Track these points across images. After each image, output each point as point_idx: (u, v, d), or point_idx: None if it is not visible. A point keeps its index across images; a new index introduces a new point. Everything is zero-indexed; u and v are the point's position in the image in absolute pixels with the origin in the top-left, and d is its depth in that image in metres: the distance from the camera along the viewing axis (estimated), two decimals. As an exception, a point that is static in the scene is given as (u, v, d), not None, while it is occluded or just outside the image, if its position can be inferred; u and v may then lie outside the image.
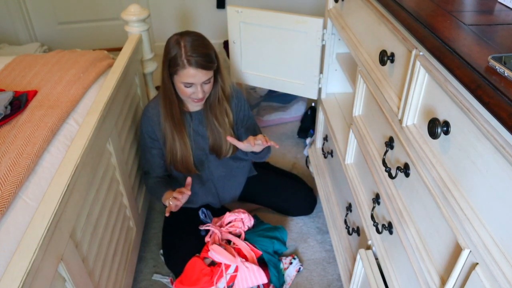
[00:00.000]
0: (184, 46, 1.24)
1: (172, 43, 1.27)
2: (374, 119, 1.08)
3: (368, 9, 1.08)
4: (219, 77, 1.37)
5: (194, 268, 1.40)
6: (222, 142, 1.46)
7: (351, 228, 1.29)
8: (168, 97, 1.36)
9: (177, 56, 1.24)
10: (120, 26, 1.86)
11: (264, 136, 1.32)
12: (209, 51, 1.28)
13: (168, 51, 1.27)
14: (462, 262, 0.66)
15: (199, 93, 1.30)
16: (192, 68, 1.24)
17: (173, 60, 1.25)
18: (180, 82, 1.28)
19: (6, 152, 1.02)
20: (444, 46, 0.67)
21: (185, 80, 1.27)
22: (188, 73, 1.25)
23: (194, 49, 1.24)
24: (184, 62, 1.24)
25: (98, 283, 1.11)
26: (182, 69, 1.25)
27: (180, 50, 1.24)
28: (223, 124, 1.44)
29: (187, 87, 1.29)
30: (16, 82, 1.38)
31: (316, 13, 2.02)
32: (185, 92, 1.30)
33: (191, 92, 1.30)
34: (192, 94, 1.31)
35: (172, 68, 1.27)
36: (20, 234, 0.85)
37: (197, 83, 1.28)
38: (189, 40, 1.26)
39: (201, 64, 1.25)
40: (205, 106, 1.43)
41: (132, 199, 1.48)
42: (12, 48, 2.76)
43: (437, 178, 0.72)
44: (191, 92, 1.30)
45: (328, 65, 1.59)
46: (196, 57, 1.24)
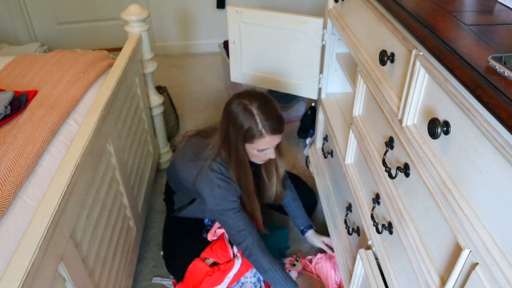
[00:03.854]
0: (258, 114, 1.19)
1: (241, 112, 1.20)
2: (374, 119, 1.08)
3: (368, 9, 1.08)
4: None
5: (196, 271, 1.40)
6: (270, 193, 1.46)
7: (351, 228, 1.29)
8: (243, 169, 1.30)
9: (252, 127, 1.19)
10: (120, 26, 1.86)
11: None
12: (279, 112, 1.24)
13: (238, 121, 1.20)
14: (462, 262, 0.66)
15: (272, 154, 1.29)
16: (269, 135, 1.21)
17: (249, 132, 1.20)
18: (253, 149, 1.25)
19: (6, 152, 1.02)
20: (444, 46, 0.67)
21: (262, 147, 1.24)
22: (266, 141, 1.22)
23: (268, 116, 1.20)
24: (262, 132, 1.20)
25: (98, 283, 1.11)
26: (259, 138, 1.21)
27: (255, 120, 1.19)
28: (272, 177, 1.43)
29: (260, 152, 1.26)
30: (16, 82, 1.38)
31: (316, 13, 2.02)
32: (258, 156, 1.28)
33: (263, 154, 1.28)
34: (264, 156, 1.29)
35: (247, 138, 1.22)
36: (20, 234, 0.85)
37: (272, 147, 1.27)
38: (259, 106, 1.20)
39: (277, 130, 1.23)
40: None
41: (132, 199, 1.48)
42: (12, 48, 2.76)
43: (437, 178, 0.72)
44: (263, 154, 1.28)
45: (328, 65, 1.59)
46: (272, 124, 1.21)
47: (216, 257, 1.43)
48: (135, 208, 1.53)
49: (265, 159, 1.31)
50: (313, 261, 1.57)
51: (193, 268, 1.41)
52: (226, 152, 1.29)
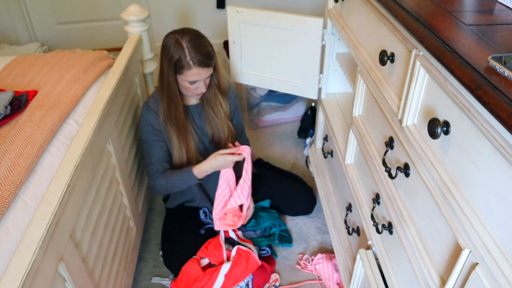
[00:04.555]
0: (187, 47, 1.28)
1: (172, 45, 1.30)
2: (374, 119, 1.08)
3: (368, 9, 1.08)
4: (214, 71, 1.42)
5: (188, 274, 1.40)
6: (220, 132, 1.52)
7: (351, 228, 1.29)
8: (173, 99, 1.39)
9: (181, 58, 1.28)
10: (120, 26, 1.86)
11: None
12: (209, 48, 1.34)
13: (170, 53, 1.30)
14: (462, 262, 0.66)
15: (202, 88, 1.37)
16: (197, 67, 1.30)
17: (178, 62, 1.29)
18: (184, 80, 1.34)
19: (6, 152, 1.02)
20: (444, 46, 0.67)
21: (191, 79, 1.33)
22: (194, 73, 1.31)
23: (197, 50, 1.29)
24: (190, 63, 1.29)
25: (98, 283, 1.11)
26: (188, 70, 1.30)
27: (184, 51, 1.28)
28: (219, 114, 1.50)
29: (191, 84, 1.35)
30: (16, 82, 1.38)
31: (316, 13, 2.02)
32: (189, 88, 1.36)
33: (194, 87, 1.36)
34: (196, 90, 1.37)
35: (177, 69, 1.31)
36: (20, 234, 0.85)
37: (201, 80, 1.35)
38: (190, 40, 1.30)
39: (205, 63, 1.31)
40: (202, 99, 1.48)
41: (132, 199, 1.48)
42: (12, 48, 2.76)
43: (437, 178, 0.72)
44: (194, 87, 1.36)
45: (328, 65, 1.59)
46: (200, 57, 1.29)
47: (210, 257, 1.43)
48: (135, 208, 1.53)
49: (197, 92, 1.39)
50: (313, 262, 1.57)
51: (186, 268, 1.41)
52: (161, 85, 1.38)
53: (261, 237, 1.63)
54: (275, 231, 1.64)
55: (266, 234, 1.64)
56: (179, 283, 1.41)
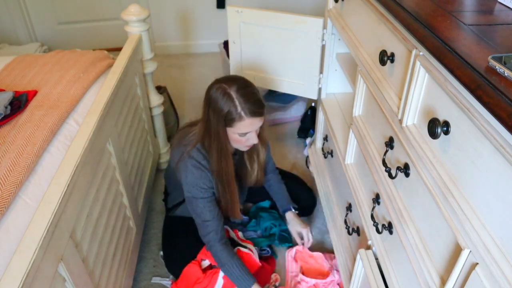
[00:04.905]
0: (237, 98, 1.19)
1: (220, 96, 1.20)
2: (374, 119, 1.08)
3: (368, 9, 1.08)
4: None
5: (189, 276, 1.40)
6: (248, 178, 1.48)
7: (351, 228, 1.29)
8: (224, 154, 1.30)
9: (232, 111, 1.19)
10: (120, 26, 1.86)
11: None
12: (259, 95, 1.24)
13: (218, 105, 1.20)
14: (462, 262, 0.66)
15: (254, 139, 1.28)
16: (249, 118, 1.21)
17: (229, 115, 1.20)
18: (234, 133, 1.25)
19: (6, 152, 1.02)
20: (444, 46, 0.67)
21: (242, 131, 1.23)
22: (246, 124, 1.22)
23: (247, 99, 1.20)
24: (241, 115, 1.19)
25: (98, 283, 1.11)
26: (239, 121, 1.21)
27: (234, 103, 1.19)
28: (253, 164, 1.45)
29: (242, 137, 1.26)
30: (16, 82, 1.38)
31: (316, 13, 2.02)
32: (240, 141, 1.27)
33: (246, 139, 1.27)
34: (247, 141, 1.28)
35: (227, 122, 1.22)
36: (20, 234, 0.85)
37: (252, 131, 1.26)
38: (238, 90, 1.20)
39: (257, 112, 1.22)
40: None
41: (132, 199, 1.48)
42: (12, 48, 2.76)
43: (437, 178, 0.72)
44: (246, 139, 1.27)
45: (328, 65, 1.59)
46: (251, 106, 1.20)
47: (210, 258, 1.43)
48: (135, 208, 1.53)
49: (248, 144, 1.30)
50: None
51: (187, 270, 1.41)
52: (208, 138, 1.29)
53: (261, 237, 1.63)
54: (275, 231, 1.64)
55: (267, 234, 1.64)
56: (179, 284, 1.41)
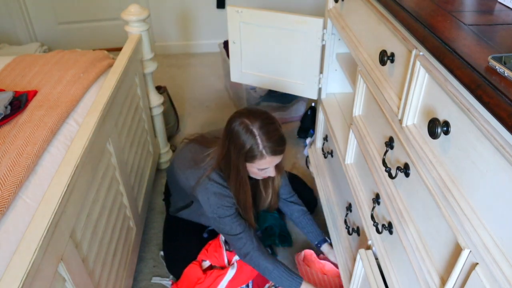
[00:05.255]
0: (259, 135, 1.18)
1: (242, 132, 1.19)
2: (374, 119, 1.08)
3: (368, 9, 1.08)
4: None
5: (190, 276, 1.40)
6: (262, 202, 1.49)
7: (351, 228, 1.29)
8: (243, 187, 1.31)
9: (254, 147, 1.19)
10: (120, 26, 1.86)
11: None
12: (281, 133, 1.23)
13: (240, 141, 1.19)
14: (462, 262, 0.66)
15: (272, 173, 1.29)
16: (270, 156, 1.21)
17: (250, 152, 1.20)
18: (254, 168, 1.25)
19: (6, 152, 1.02)
20: (444, 46, 0.67)
21: (262, 167, 1.24)
22: (266, 161, 1.22)
23: (269, 137, 1.19)
24: (262, 153, 1.19)
25: (98, 283, 1.11)
26: (260, 159, 1.21)
27: (256, 140, 1.18)
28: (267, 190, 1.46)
29: (260, 170, 1.26)
30: (16, 82, 1.38)
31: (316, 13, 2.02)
32: (257, 174, 1.29)
33: (263, 172, 1.28)
34: (264, 174, 1.29)
35: (248, 158, 1.22)
36: (20, 234, 0.85)
37: (272, 167, 1.27)
38: (261, 127, 1.19)
39: (279, 151, 1.22)
40: None
41: (132, 199, 1.48)
42: (12, 48, 2.76)
43: (437, 178, 0.72)
44: (263, 172, 1.28)
45: (328, 65, 1.59)
46: (273, 145, 1.20)
47: (210, 259, 1.43)
48: (135, 208, 1.53)
49: (264, 176, 1.32)
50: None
51: (188, 271, 1.41)
52: (227, 168, 1.29)
53: (262, 237, 1.63)
54: (275, 231, 1.64)
55: (267, 234, 1.64)
56: (180, 285, 1.41)
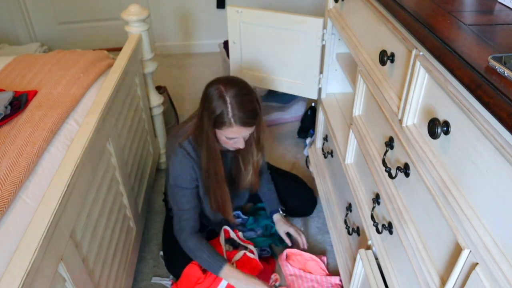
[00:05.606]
0: (231, 103, 1.19)
1: (215, 97, 1.20)
2: (374, 119, 1.08)
3: (368, 9, 1.08)
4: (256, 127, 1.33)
5: (189, 276, 1.39)
6: (243, 179, 1.48)
7: (351, 228, 1.29)
8: (212, 155, 1.32)
9: (223, 114, 1.20)
10: (120, 26, 1.86)
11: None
12: (254, 105, 1.24)
13: (212, 106, 1.21)
14: (462, 262, 0.66)
15: (240, 144, 1.30)
16: (237, 126, 1.21)
17: (219, 118, 1.21)
18: (223, 135, 1.26)
19: (6, 152, 1.02)
20: (444, 46, 0.67)
21: (230, 136, 1.25)
22: (234, 131, 1.23)
23: (241, 107, 1.20)
24: (231, 121, 1.20)
25: (98, 283, 1.11)
26: (228, 127, 1.22)
27: (226, 107, 1.19)
28: (247, 166, 1.45)
29: (229, 139, 1.27)
30: (16, 82, 1.38)
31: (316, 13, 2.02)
32: (227, 142, 1.29)
33: (233, 142, 1.29)
34: (234, 144, 1.30)
35: (217, 124, 1.23)
36: (20, 234, 0.85)
37: (241, 137, 1.28)
38: (234, 96, 1.20)
39: (247, 122, 1.22)
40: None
41: (132, 199, 1.48)
42: (12, 48, 2.76)
43: (437, 178, 0.72)
44: (233, 142, 1.29)
45: (328, 65, 1.59)
46: (243, 116, 1.20)
47: None
48: (135, 208, 1.53)
49: (235, 146, 1.32)
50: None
51: (187, 271, 1.40)
52: (200, 135, 1.30)
53: (261, 237, 1.63)
54: (275, 230, 1.64)
55: (267, 233, 1.64)
56: (180, 285, 1.41)
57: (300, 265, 1.54)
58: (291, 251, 1.58)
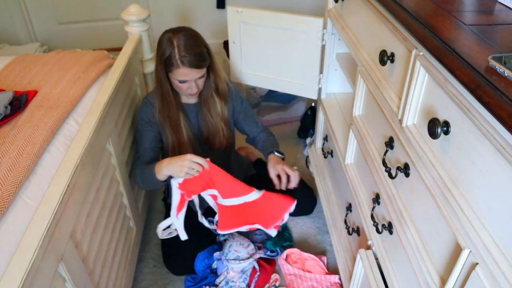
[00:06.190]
0: (178, 46, 1.28)
1: (165, 42, 1.30)
2: (374, 119, 1.08)
3: (368, 9, 1.08)
4: (211, 73, 1.42)
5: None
6: (215, 134, 1.51)
7: (351, 228, 1.29)
8: (165, 97, 1.40)
9: (171, 56, 1.28)
10: (120, 26, 1.86)
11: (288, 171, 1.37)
12: (201, 49, 1.32)
13: (162, 50, 1.31)
14: (462, 262, 0.66)
15: (193, 88, 1.37)
16: (185, 67, 1.29)
17: (168, 60, 1.29)
18: (174, 79, 1.34)
19: (6, 152, 1.02)
20: (444, 46, 0.67)
21: (179, 78, 1.33)
22: (182, 72, 1.30)
23: (187, 49, 1.28)
24: (178, 63, 1.28)
25: (98, 283, 1.11)
26: (176, 68, 1.30)
27: (174, 50, 1.28)
28: (216, 117, 1.49)
29: (181, 83, 1.35)
30: (16, 82, 1.38)
31: (316, 13, 2.02)
32: (180, 87, 1.37)
33: (186, 87, 1.36)
34: (188, 89, 1.37)
35: (167, 67, 1.32)
36: (20, 234, 0.85)
37: (191, 80, 1.34)
38: (182, 39, 1.29)
39: (194, 64, 1.30)
40: (199, 99, 1.48)
41: (132, 199, 1.48)
42: (12, 48, 2.76)
43: (437, 178, 0.72)
44: (186, 87, 1.36)
45: (328, 65, 1.59)
46: (189, 57, 1.28)
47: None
48: (135, 208, 1.53)
49: (189, 92, 1.38)
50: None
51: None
52: (156, 82, 1.39)
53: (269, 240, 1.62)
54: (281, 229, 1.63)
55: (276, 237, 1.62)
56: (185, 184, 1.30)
57: (299, 264, 1.54)
58: (291, 251, 1.58)
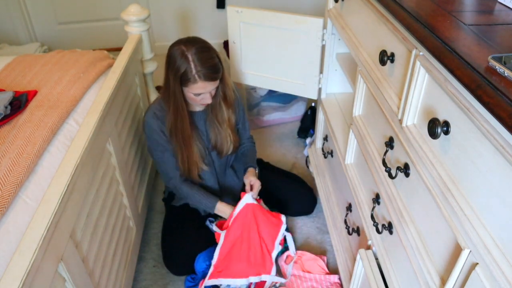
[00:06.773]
0: (193, 60, 1.26)
1: (178, 57, 1.27)
2: (374, 119, 1.08)
3: (368, 9, 1.08)
4: (221, 81, 1.40)
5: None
6: (223, 141, 1.52)
7: (351, 228, 1.29)
8: (179, 112, 1.37)
9: (187, 71, 1.26)
10: (120, 26, 1.86)
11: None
12: (215, 61, 1.30)
13: (176, 66, 1.27)
14: (462, 262, 0.66)
15: (208, 99, 1.36)
16: (202, 81, 1.28)
17: (184, 76, 1.27)
18: (190, 92, 1.32)
19: (6, 152, 1.02)
20: (444, 46, 0.67)
21: (196, 92, 1.31)
22: (199, 86, 1.29)
23: (202, 63, 1.26)
24: (195, 78, 1.27)
25: (98, 283, 1.11)
26: (193, 83, 1.28)
27: (189, 65, 1.26)
28: (223, 124, 1.49)
29: (196, 96, 1.33)
30: (16, 82, 1.38)
31: (316, 13, 2.02)
32: (195, 99, 1.35)
33: (200, 98, 1.35)
34: (201, 100, 1.36)
35: (183, 82, 1.29)
36: (20, 234, 0.85)
37: (207, 92, 1.33)
38: (195, 53, 1.26)
39: (211, 77, 1.29)
40: (207, 106, 1.46)
41: (132, 199, 1.48)
42: (12, 48, 2.76)
43: (437, 178, 0.72)
44: (200, 98, 1.35)
45: (328, 65, 1.59)
46: (206, 70, 1.27)
47: None
48: (135, 208, 1.53)
49: (203, 103, 1.38)
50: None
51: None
52: (167, 96, 1.37)
53: None
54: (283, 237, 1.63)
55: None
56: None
57: (299, 265, 1.54)
58: (289, 254, 1.57)
